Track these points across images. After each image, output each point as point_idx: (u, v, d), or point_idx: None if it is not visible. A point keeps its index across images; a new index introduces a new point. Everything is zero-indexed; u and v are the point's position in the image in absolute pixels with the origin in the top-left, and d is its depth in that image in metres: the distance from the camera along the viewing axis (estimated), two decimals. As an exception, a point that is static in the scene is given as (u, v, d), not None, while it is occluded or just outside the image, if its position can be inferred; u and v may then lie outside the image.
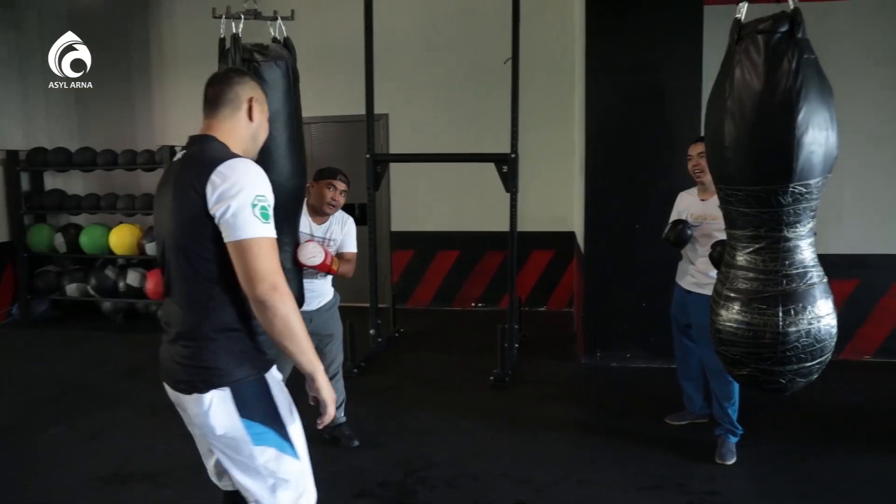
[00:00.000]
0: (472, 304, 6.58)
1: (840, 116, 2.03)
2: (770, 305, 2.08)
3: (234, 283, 1.60)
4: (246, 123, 1.77)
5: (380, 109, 5.30)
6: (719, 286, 2.23)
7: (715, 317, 2.22)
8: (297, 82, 2.67)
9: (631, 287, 4.61)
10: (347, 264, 3.26)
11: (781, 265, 2.07)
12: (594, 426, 3.65)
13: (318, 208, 3.24)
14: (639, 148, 4.53)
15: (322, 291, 3.29)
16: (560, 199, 6.39)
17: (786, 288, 2.07)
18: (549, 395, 4.18)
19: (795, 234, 2.07)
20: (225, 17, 2.59)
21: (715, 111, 2.13)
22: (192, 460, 3.22)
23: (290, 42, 2.75)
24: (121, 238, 5.97)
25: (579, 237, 5.46)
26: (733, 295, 2.16)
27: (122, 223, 6.16)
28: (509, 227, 4.71)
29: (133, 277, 5.98)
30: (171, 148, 5.88)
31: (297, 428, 1.78)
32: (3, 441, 3.57)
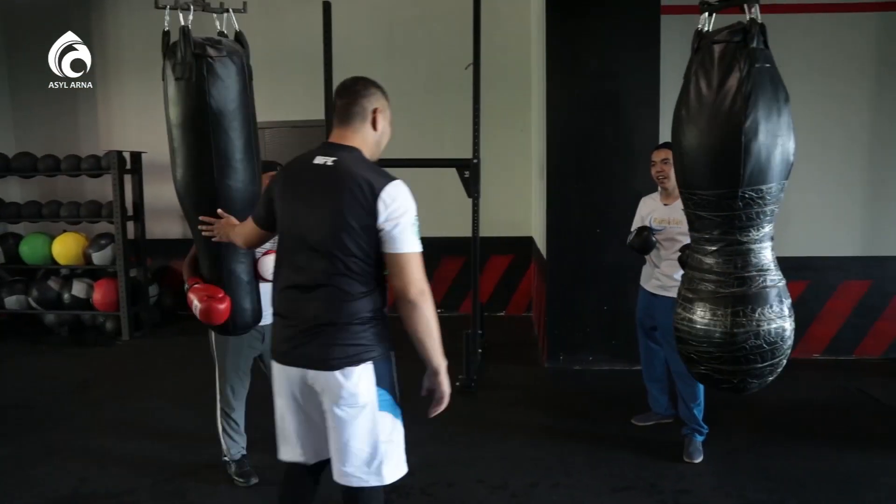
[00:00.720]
0: (432, 310, 6.54)
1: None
2: (721, 306, 2.12)
3: (377, 280, 1.95)
4: (371, 132, 2.01)
5: (338, 114, 5.22)
6: (682, 287, 2.28)
7: (676, 316, 2.27)
8: (251, 80, 2.44)
9: (592, 290, 4.67)
10: None
11: (734, 268, 2.12)
12: (563, 430, 3.67)
13: None
14: (598, 153, 4.60)
15: (268, 306, 3.11)
16: (518, 204, 6.44)
17: (737, 290, 2.11)
18: (516, 400, 4.18)
19: (749, 237, 2.11)
20: (170, 8, 2.33)
21: (676, 118, 2.19)
22: (153, 479, 3.11)
23: (242, 36, 2.47)
24: (65, 247, 5.71)
25: (539, 242, 5.51)
26: (691, 296, 2.22)
27: (65, 231, 5.90)
28: (472, 232, 4.70)
29: (79, 288, 5.72)
30: (119, 153, 5.67)
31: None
32: (-56, 465, 3.35)
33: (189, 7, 2.35)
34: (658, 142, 3.84)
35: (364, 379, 1.91)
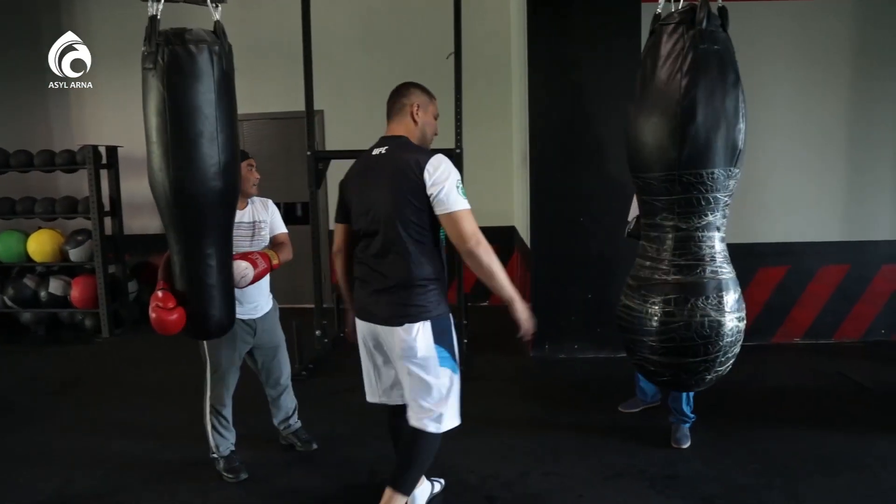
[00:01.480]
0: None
1: (766, 114, 2.05)
2: (653, 294, 2.04)
3: (436, 246, 2.30)
4: (413, 125, 2.40)
5: (314, 106, 5.16)
6: (628, 275, 2.22)
7: (619, 304, 2.21)
8: (230, 71, 2.27)
9: (577, 279, 4.69)
10: (284, 248, 3.00)
11: (670, 255, 2.03)
12: (551, 418, 3.69)
13: (243, 191, 2.87)
14: (581, 142, 4.61)
15: (258, 297, 3.05)
16: (499, 195, 6.43)
17: (670, 278, 2.01)
18: (503, 389, 4.20)
19: (690, 224, 2.01)
20: None
21: (632, 102, 2.14)
22: (141, 477, 3.07)
23: (220, 26, 2.27)
24: (40, 244, 5.59)
25: (522, 231, 5.51)
26: (632, 282, 2.16)
27: (41, 228, 5.77)
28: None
29: (56, 286, 5.62)
30: (95, 147, 5.56)
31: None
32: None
33: None
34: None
35: (422, 335, 2.24)
